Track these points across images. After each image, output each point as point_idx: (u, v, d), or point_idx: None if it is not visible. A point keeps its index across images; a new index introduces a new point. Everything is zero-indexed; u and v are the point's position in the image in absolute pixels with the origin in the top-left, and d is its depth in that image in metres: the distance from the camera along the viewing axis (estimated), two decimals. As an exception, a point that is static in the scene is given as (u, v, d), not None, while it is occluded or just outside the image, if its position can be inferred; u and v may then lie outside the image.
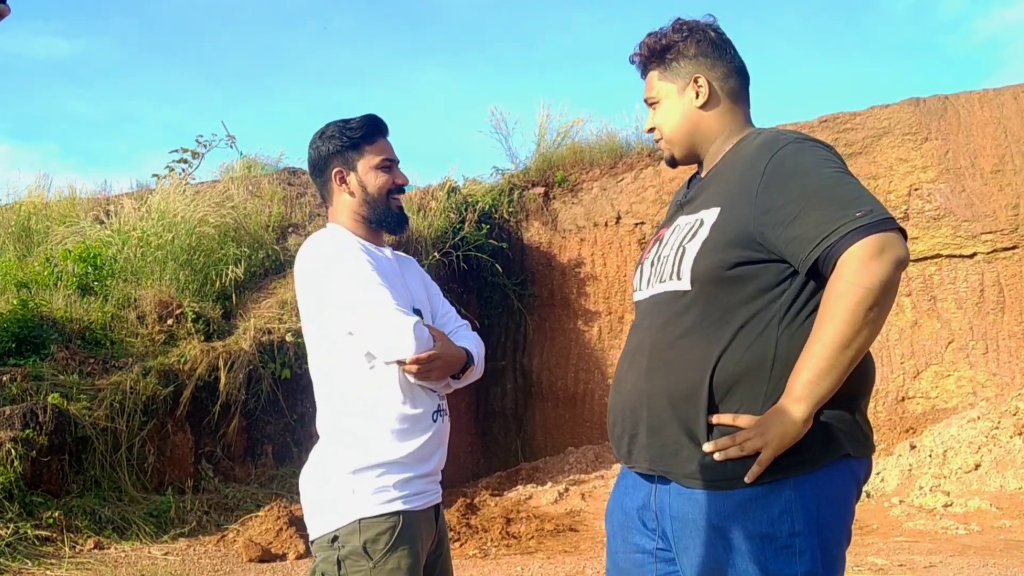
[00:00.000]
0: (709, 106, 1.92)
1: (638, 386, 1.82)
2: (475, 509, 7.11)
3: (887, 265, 1.61)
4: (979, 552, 5.71)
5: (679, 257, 1.81)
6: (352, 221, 2.27)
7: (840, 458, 1.70)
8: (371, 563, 2.05)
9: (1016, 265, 9.01)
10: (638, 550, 1.86)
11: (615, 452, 1.94)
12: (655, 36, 1.96)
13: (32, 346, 6.76)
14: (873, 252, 1.61)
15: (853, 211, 1.65)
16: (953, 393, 9.10)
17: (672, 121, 1.95)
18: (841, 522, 1.71)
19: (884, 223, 1.64)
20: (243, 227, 8.68)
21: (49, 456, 5.91)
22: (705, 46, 1.93)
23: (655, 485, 1.82)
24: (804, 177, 1.72)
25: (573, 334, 10.41)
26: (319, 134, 2.29)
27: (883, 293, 1.61)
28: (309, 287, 2.20)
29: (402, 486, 2.12)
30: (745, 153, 1.84)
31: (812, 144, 1.80)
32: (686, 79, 1.93)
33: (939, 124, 9.30)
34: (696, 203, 1.89)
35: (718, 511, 1.69)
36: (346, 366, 2.16)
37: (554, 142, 11.03)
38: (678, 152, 1.98)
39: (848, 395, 1.72)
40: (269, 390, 7.34)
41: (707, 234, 1.78)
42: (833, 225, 1.64)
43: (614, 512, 1.95)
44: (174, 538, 5.98)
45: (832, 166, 1.75)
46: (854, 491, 1.75)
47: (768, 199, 1.73)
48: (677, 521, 1.76)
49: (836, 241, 1.64)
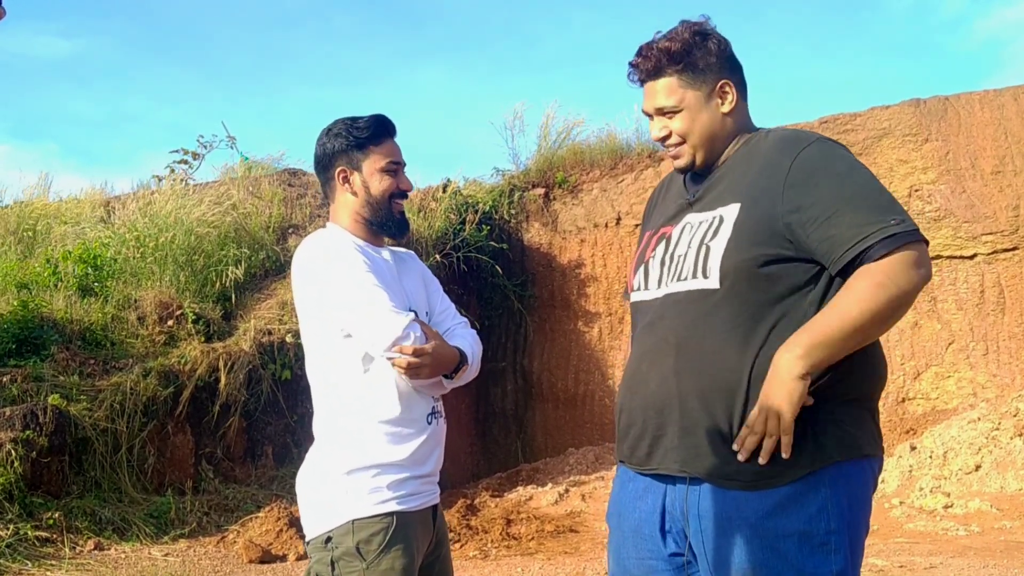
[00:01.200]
0: (733, 112, 1.90)
1: (666, 387, 1.79)
2: (475, 510, 7.11)
3: (922, 278, 1.68)
4: (979, 553, 5.71)
5: (703, 255, 1.79)
6: (352, 222, 2.26)
7: (862, 457, 1.73)
8: (364, 564, 2.05)
9: (1016, 266, 9.01)
10: (653, 556, 1.85)
11: (625, 454, 1.91)
12: (673, 40, 1.88)
13: (32, 347, 6.76)
14: (916, 262, 1.67)
15: (888, 217, 1.68)
16: (953, 394, 9.10)
17: (700, 129, 1.89)
18: (865, 520, 1.75)
19: (916, 234, 1.69)
20: (243, 228, 8.68)
21: (49, 457, 5.91)
22: (725, 49, 1.90)
23: (683, 486, 1.79)
24: (837, 178, 1.73)
25: (573, 335, 10.40)
26: (327, 130, 2.28)
27: (909, 301, 1.68)
28: (306, 287, 2.20)
29: (396, 487, 2.11)
30: (762, 150, 1.84)
31: (838, 145, 1.81)
32: (712, 85, 1.88)
33: (939, 125, 9.30)
34: (708, 200, 1.88)
35: (756, 510, 1.70)
36: (342, 367, 2.16)
37: (555, 143, 11.04)
38: (701, 158, 1.92)
39: (866, 395, 1.75)
40: (269, 391, 7.34)
41: (731, 231, 1.77)
42: (870, 228, 1.67)
43: (624, 517, 1.91)
44: (174, 539, 5.97)
45: (863, 170, 1.77)
46: (873, 489, 1.79)
47: (797, 197, 1.73)
48: (706, 521, 1.74)
49: (872, 245, 1.67)
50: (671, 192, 2.05)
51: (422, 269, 2.43)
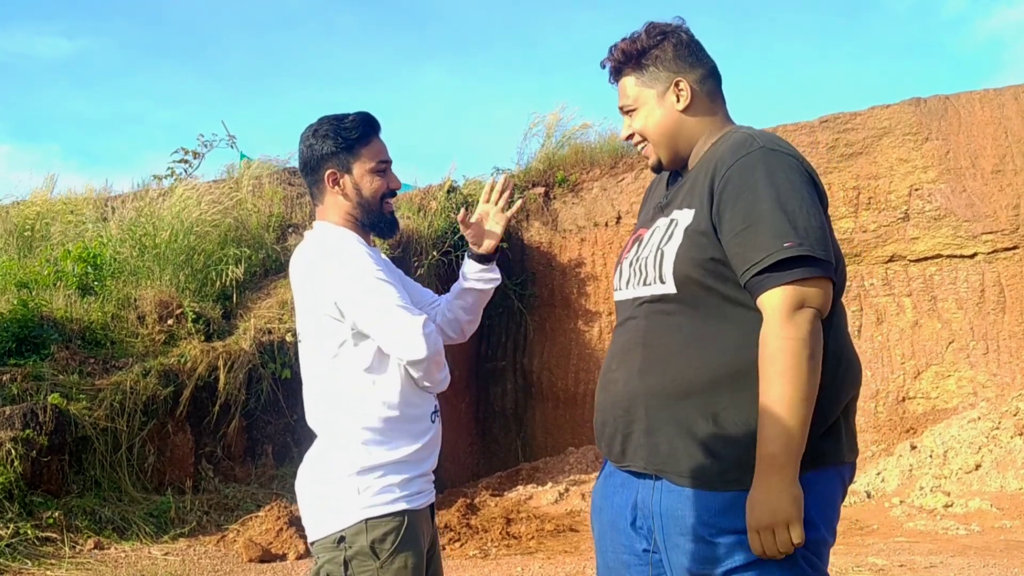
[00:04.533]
0: (691, 109, 1.92)
1: (631, 385, 1.84)
2: (475, 509, 7.11)
3: (809, 318, 1.67)
4: (980, 552, 5.71)
5: (659, 260, 1.83)
6: (343, 221, 2.25)
7: (827, 467, 1.74)
8: (378, 563, 2.05)
9: (1017, 265, 9.01)
10: (627, 551, 1.88)
11: (604, 451, 1.95)
12: (629, 40, 1.93)
13: (32, 346, 6.76)
14: (793, 305, 1.67)
15: (782, 242, 1.68)
16: (953, 393, 9.09)
17: (655, 127, 1.93)
18: (826, 519, 1.74)
19: (805, 262, 1.67)
20: (243, 227, 8.68)
21: (49, 456, 5.91)
22: (682, 49, 1.92)
23: (651, 482, 1.82)
24: (754, 193, 1.73)
25: (573, 334, 10.40)
26: (312, 131, 2.25)
27: (813, 340, 1.66)
28: (310, 283, 2.19)
29: (405, 485, 2.12)
30: (718, 154, 1.85)
31: (778, 154, 1.78)
32: (666, 83, 1.91)
33: (940, 124, 9.30)
34: (672, 204, 1.91)
35: (707, 509, 1.72)
36: (348, 365, 2.15)
37: (558, 144, 11.03)
38: (665, 157, 1.96)
39: (836, 403, 1.75)
40: (269, 390, 7.34)
41: (682, 236, 1.80)
42: (758, 255, 1.68)
43: (603, 510, 1.95)
44: (174, 538, 5.97)
45: (786, 184, 1.73)
46: (841, 493, 1.80)
47: (723, 205, 1.76)
48: (666, 518, 1.77)
49: (759, 272, 1.68)
50: (655, 193, 2.09)
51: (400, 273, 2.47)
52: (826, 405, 1.71)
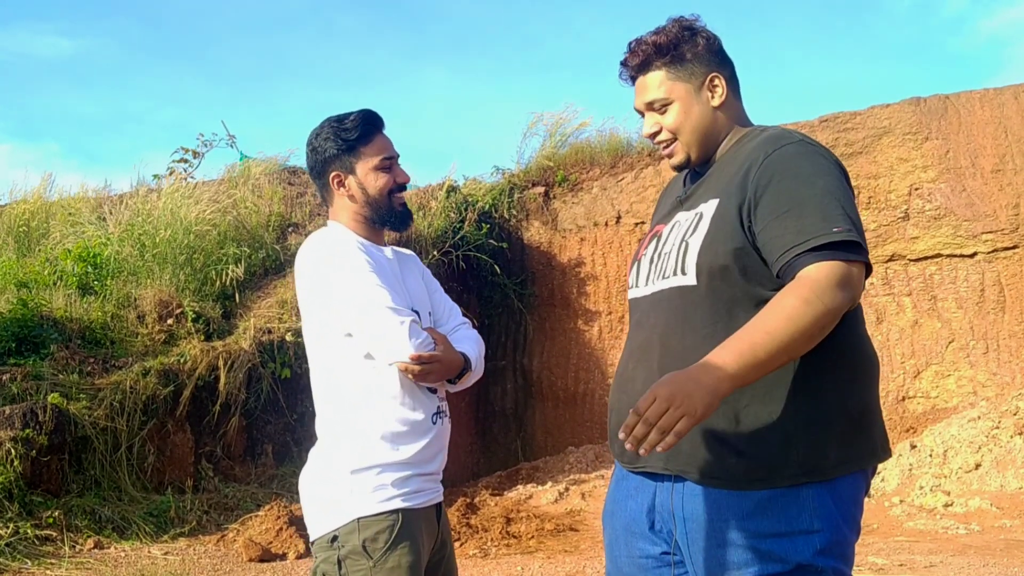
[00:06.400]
0: (723, 106, 1.89)
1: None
2: (475, 509, 7.10)
3: (845, 300, 1.63)
4: (980, 552, 5.71)
5: (682, 252, 1.79)
6: (353, 221, 2.25)
7: (850, 472, 1.72)
8: (371, 562, 2.04)
9: (1016, 265, 9.01)
10: (643, 555, 1.84)
11: (617, 452, 1.91)
12: (661, 34, 1.88)
13: (32, 345, 6.76)
14: (842, 281, 1.62)
15: (831, 226, 1.64)
16: (953, 393, 9.09)
17: (691, 123, 1.88)
18: (855, 525, 1.73)
19: (853, 247, 1.64)
20: (243, 226, 8.68)
21: (49, 456, 5.91)
22: (713, 44, 1.89)
23: (669, 484, 1.78)
24: (797, 180, 1.71)
25: (573, 334, 10.40)
26: (315, 135, 2.25)
27: (834, 320, 1.63)
28: (309, 285, 2.19)
29: (400, 484, 2.11)
30: (749, 148, 1.83)
31: (816, 149, 1.78)
32: (701, 78, 1.87)
33: (939, 124, 9.29)
34: (695, 197, 1.88)
35: (736, 511, 1.68)
36: (346, 366, 2.15)
37: (558, 143, 11.03)
38: (696, 154, 1.90)
39: (864, 396, 1.73)
40: (269, 390, 7.34)
41: (708, 227, 1.77)
42: (806, 236, 1.64)
43: (616, 515, 1.92)
44: (174, 538, 5.97)
45: (830, 176, 1.72)
46: (864, 488, 1.78)
47: (758, 194, 1.73)
48: (691, 522, 1.73)
49: (803, 253, 1.64)
50: (672, 190, 2.06)
51: (423, 269, 2.43)
52: (854, 398, 1.69)
